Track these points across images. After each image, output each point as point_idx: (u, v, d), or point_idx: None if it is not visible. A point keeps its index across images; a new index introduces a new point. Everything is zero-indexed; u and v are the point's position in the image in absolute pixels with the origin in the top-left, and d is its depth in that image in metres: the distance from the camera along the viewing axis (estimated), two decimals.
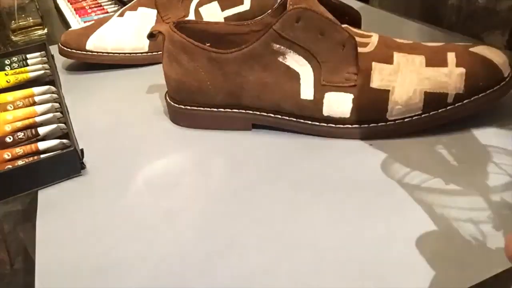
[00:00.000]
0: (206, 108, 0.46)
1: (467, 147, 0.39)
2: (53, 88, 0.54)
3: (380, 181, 0.37)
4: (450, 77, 0.40)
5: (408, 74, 0.40)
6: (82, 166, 0.43)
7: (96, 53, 0.62)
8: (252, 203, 0.37)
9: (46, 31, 0.81)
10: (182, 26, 0.46)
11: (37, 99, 0.52)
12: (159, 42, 0.46)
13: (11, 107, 0.50)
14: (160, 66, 0.47)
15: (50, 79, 0.57)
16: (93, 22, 0.66)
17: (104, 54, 0.62)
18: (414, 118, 0.41)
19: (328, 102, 0.41)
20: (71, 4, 0.89)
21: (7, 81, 0.56)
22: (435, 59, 0.41)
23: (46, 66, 0.60)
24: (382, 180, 0.37)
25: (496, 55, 0.41)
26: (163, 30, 0.45)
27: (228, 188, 0.39)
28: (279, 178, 0.39)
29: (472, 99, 0.40)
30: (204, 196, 0.38)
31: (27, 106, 0.51)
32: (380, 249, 0.31)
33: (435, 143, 0.40)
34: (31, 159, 0.42)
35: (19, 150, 0.43)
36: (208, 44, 0.44)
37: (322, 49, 0.41)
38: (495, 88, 0.40)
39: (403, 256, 0.30)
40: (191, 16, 0.63)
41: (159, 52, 0.47)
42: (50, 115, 0.48)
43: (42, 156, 0.43)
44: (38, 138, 0.45)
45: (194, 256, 0.33)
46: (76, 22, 0.80)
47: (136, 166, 0.43)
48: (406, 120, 0.41)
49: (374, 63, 0.41)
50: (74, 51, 0.62)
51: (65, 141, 0.44)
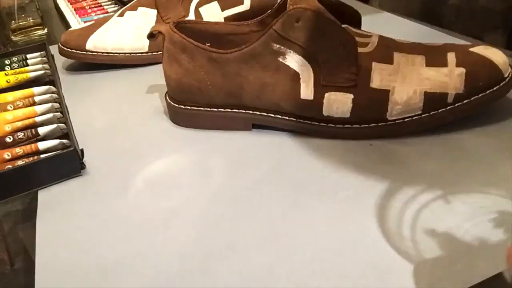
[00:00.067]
0: (206, 108, 0.46)
1: (467, 147, 0.39)
2: (53, 88, 0.54)
3: (380, 181, 0.37)
4: (450, 77, 0.40)
5: (408, 74, 0.40)
6: (82, 166, 0.43)
7: (96, 53, 0.62)
8: (252, 203, 0.37)
9: (46, 31, 0.81)
10: (182, 26, 0.46)
11: (37, 99, 0.52)
12: (159, 42, 0.46)
13: (11, 107, 0.50)
14: (160, 66, 0.47)
15: (50, 79, 0.57)
16: (93, 22, 0.66)
17: (104, 54, 0.62)
18: (414, 118, 0.41)
19: (328, 102, 0.41)
20: (71, 4, 0.89)
21: (7, 81, 0.56)
22: (435, 59, 0.41)
23: (46, 66, 0.60)
24: (382, 180, 0.37)
25: (496, 55, 0.41)
26: (163, 30, 0.45)
27: (228, 188, 0.39)
28: (279, 178, 0.39)
29: (472, 99, 0.40)
30: (204, 196, 0.38)
31: (27, 106, 0.51)
32: (380, 249, 0.31)
33: (435, 143, 0.40)
34: (31, 159, 0.42)
35: (19, 150, 0.43)
36: (208, 44, 0.44)
37: (322, 49, 0.41)
38: (495, 88, 0.40)
39: (403, 256, 0.30)
40: (191, 16, 0.63)
41: (159, 52, 0.47)
42: (50, 115, 0.48)
43: (42, 156, 0.43)
44: (38, 138, 0.45)
45: (194, 256, 0.33)
46: (76, 22, 0.80)
47: (136, 166, 0.43)
48: (406, 120, 0.41)
49: (374, 63, 0.41)
50: (74, 51, 0.62)
51: (65, 141, 0.44)
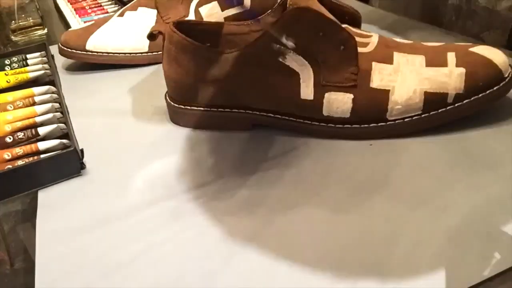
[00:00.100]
0: (206, 108, 0.46)
1: (467, 147, 0.39)
2: (53, 88, 0.54)
3: (380, 181, 0.37)
4: (450, 77, 0.40)
5: (408, 74, 0.40)
6: (82, 166, 0.43)
7: (96, 53, 0.62)
8: (252, 203, 0.37)
9: (46, 31, 0.81)
10: (182, 26, 0.46)
11: (37, 99, 0.52)
12: (159, 42, 0.46)
13: (11, 107, 0.50)
14: (160, 66, 0.47)
15: (50, 79, 0.57)
16: (93, 22, 0.66)
17: (104, 54, 0.62)
18: (414, 118, 0.41)
19: (328, 102, 0.41)
20: (71, 4, 0.89)
21: (7, 81, 0.56)
22: (435, 59, 0.41)
23: (46, 66, 0.61)
24: (382, 180, 0.37)
25: (496, 55, 0.41)
26: (163, 30, 0.45)
27: (228, 188, 0.39)
28: (279, 178, 0.39)
29: (472, 99, 0.40)
30: (204, 196, 0.38)
31: (27, 106, 0.51)
32: (380, 249, 0.31)
33: (435, 143, 0.40)
34: (31, 159, 0.42)
35: (19, 150, 0.43)
36: (208, 44, 0.44)
37: (322, 49, 0.41)
38: (495, 88, 0.40)
39: (403, 256, 0.31)
40: (191, 16, 0.63)
41: (159, 52, 0.47)
42: (50, 115, 0.48)
43: (42, 156, 0.43)
44: (38, 138, 0.45)
45: (194, 255, 0.33)
46: (76, 22, 0.80)
47: (136, 166, 0.43)
48: (406, 120, 0.41)
49: (374, 63, 0.41)
50: (74, 51, 0.62)
51: (65, 141, 0.44)
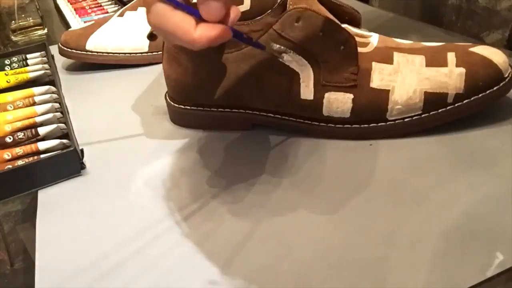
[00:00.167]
0: (206, 108, 0.46)
1: (467, 147, 0.39)
2: (53, 88, 0.54)
3: (380, 181, 0.37)
4: (450, 77, 0.40)
5: (408, 74, 0.40)
6: (82, 166, 0.43)
7: (96, 53, 0.62)
8: (252, 203, 0.37)
9: (46, 31, 0.81)
10: None
11: (37, 99, 0.52)
12: (159, 42, 0.46)
13: (11, 107, 0.50)
14: (160, 66, 0.47)
15: (50, 79, 0.57)
16: (93, 22, 0.66)
17: (104, 54, 0.62)
18: (414, 118, 0.41)
19: (328, 102, 0.41)
20: (71, 4, 0.89)
21: (7, 81, 0.56)
22: (435, 59, 0.41)
23: (46, 66, 0.61)
24: (382, 180, 0.37)
25: (496, 55, 0.41)
26: None
27: (228, 188, 0.39)
28: (279, 178, 0.39)
29: (472, 99, 0.40)
30: (203, 196, 0.38)
31: (27, 106, 0.51)
32: (380, 249, 0.31)
33: (435, 143, 0.40)
34: (31, 159, 0.42)
35: (19, 150, 0.43)
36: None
37: (322, 49, 0.40)
38: (495, 88, 0.40)
39: (403, 256, 0.31)
40: None
41: (159, 52, 0.47)
42: (50, 115, 0.48)
43: (42, 156, 0.43)
44: (38, 138, 0.45)
45: (194, 255, 0.33)
46: (76, 22, 0.80)
47: (136, 166, 0.43)
48: (406, 120, 0.41)
49: (374, 63, 0.41)
50: (74, 51, 0.62)
51: (65, 141, 0.44)
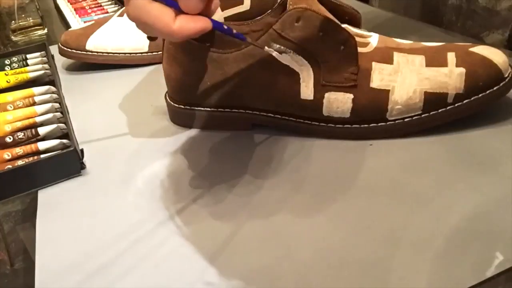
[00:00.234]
0: (206, 108, 0.46)
1: (467, 147, 0.39)
2: (53, 88, 0.54)
3: (380, 181, 0.37)
4: (450, 77, 0.40)
5: (408, 74, 0.40)
6: (82, 166, 0.43)
7: (96, 53, 0.62)
8: (252, 203, 0.37)
9: (46, 31, 0.81)
10: None
11: (37, 99, 0.52)
12: (159, 42, 0.46)
13: (11, 107, 0.50)
14: (160, 66, 0.47)
15: (50, 79, 0.57)
16: (93, 22, 0.66)
17: (104, 54, 0.62)
18: (414, 118, 0.41)
19: (328, 102, 0.41)
20: (71, 4, 0.89)
21: (7, 81, 0.56)
22: (435, 59, 0.41)
23: (46, 66, 0.61)
24: (382, 180, 0.37)
25: (496, 55, 0.41)
26: None
27: (228, 188, 0.39)
28: (279, 178, 0.39)
29: (472, 99, 0.40)
30: (203, 196, 0.38)
31: (27, 106, 0.51)
32: (380, 249, 0.31)
33: (435, 143, 0.40)
34: (31, 159, 0.42)
35: (19, 150, 0.43)
36: (208, 44, 0.44)
37: (322, 49, 0.40)
38: (495, 88, 0.40)
39: (403, 256, 0.31)
40: None
41: (159, 52, 0.47)
42: (50, 115, 0.48)
43: (42, 156, 0.43)
44: (38, 138, 0.45)
45: (193, 255, 0.33)
46: (76, 22, 0.80)
47: (136, 166, 0.43)
48: (406, 120, 0.41)
49: (374, 63, 0.41)
50: (74, 51, 0.62)
51: (65, 141, 0.44)
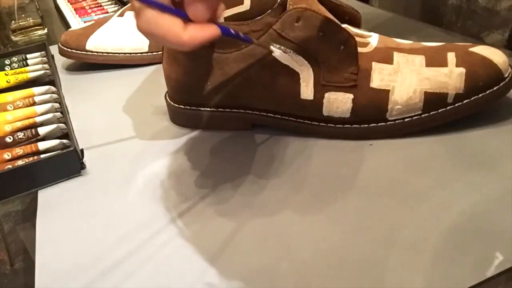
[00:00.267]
0: (206, 108, 0.46)
1: (467, 147, 0.39)
2: (53, 88, 0.54)
3: (380, 181, 0.37)
4: (450, 77, 0.40)
5: (408, 74, 0.40)
6: (82, 166, 0.43)
7: (96, 53, 0.62)
8: (252, 203, 0.37)
9: (46, 31, 0.81)
10: None
11: (37, 99, 0.52)
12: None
13: (11, 107, 0.50)
14: (160, 66, 0.47)
15: (50, 79, 0.57)
16: (93, 22, 0.66)
17: (104, 54, 0.62)
18: (414, 118, 0.41)
19: (328, 102, 0.41)
20: (71, 4, 0.89)
21: (7, 81, 0.56)
22: (435, 59, 0.41)
23: (46, 66, 0.61)
24: (382, 180, 0.37)
25: (496, 55, 0.41)
26: None
27: (228, 188, 0.39)
28: (279, 178, 0.39)
29: (472, 99, 0.40)
30: (203, 196, 0.38)
31: (27, 106, 0.51)
32: (380, 249, 0.31)
33: (435, 143, 0.40)
34: (31, 159, 0.42)
35: (19, 150, 0.43)
36: (208, 44, 0.44)
37: (322, 49, 0.40)
38: (495, 88, 0.40)
39: (403, 256, 0.31)
40: None
41: (159, 52, 0.47)
42: (50, 115, 0.48)
43: (42, 156, 0.43)
44: (38, 138, 0.45)
45: (193, 255, 0.33)
46: (76, 22, 0.80)
47: (136, 166, 0.43)
48: (406, 120, 0.41)
49: (374, 63, 0.41)
50: (74, 51, 0.62)
51: (65, 141, 0.44)
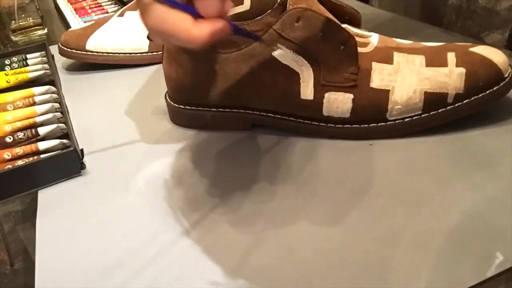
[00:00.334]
0: (206, 108, 0.46)
1: (467, 147, 0.39)
2: (53, 88, 0.54)
3: (380, 181, 0.37)
4: (450, 77, 0.40)
5: (408, 74, 0.40)
6: (82, 166, 0.43)
7: (96, 53, 0.62)
8: (252, 203, 0.37)
9: (46, 31, 0.81)
10: None
11: (37, 99, 0.52)
12: (159, 42, 0.46)
13: (11, 107, 0.50)
14: (160, 66, 0.47)
15: (50, 79, 0.57)
16: (93, 22, 0.66)
17: (104, 54, 0.62)
18: (414, 118, 0.41)
19: (328, 102, 0.41)
20: (71, 4, 0.89)
21: (7, 81, 0.56)
22: (435, 59, 0.41)
23: (46, 66, 0.61)
24: (382, 180, 0.37)
25: (496, 55, 0.41)
26: None
27: (228, 188, 0.39)
28: (279, 178, 0.39)
29: (472, 99, 0.40)
30: (203, 196, 0.38)
31: (27, 106, 0.51)
32: (380, 249, 0.31)
33: (435, 143, 0.40)
34: (31, 159, 0.42)
35: (19, 150, 0.43)
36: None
37: (322, 49, 0.40)
38: (495, 88, 0.40)
39: (404, 256, 0.31)
40: None
41: (159, 52, 0.47)
42: (50, 115, 0.48)
43: (42, 156, 0.43)
44: (38, 138, 0.45)
45: (194, 255, 0.33)
46: (76, 22, 0.80)
47: (136, 166, 0.43)
48: (406, 120, 0.41)
49: (374, 63, 0.41)
50: (74, 51, 0.62)
51: (65, 141, 0.44)
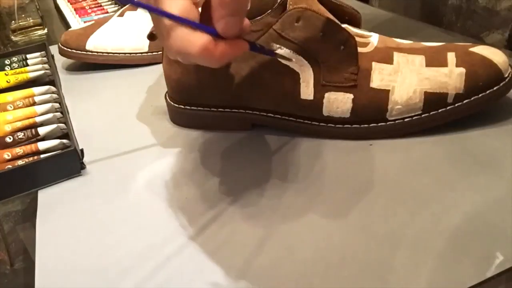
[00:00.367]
0: (206, 108, 0.46)
1: (467, 147, 0.39)
2: (53, 88, 0.54)
3: (380, 181, 0.37)
4: (450, 77, 0.40)
5: (408, 74, 0.40)
6: (82, 166, 0.43)
7: (96, 53, 0.62)
8: (251, 203, 0.37)
9: (46, 31, 0.81)
10: None
11: (37, 99, 0.52)
12: (159, 42, 0.46)
13: (11, 107, 0.50)
14: (160, 66, 0.47)
15: (50, 79, 0.57)
16: (93, 22, 0.66)
17: (104, 54, 0.62)
18: (414, 118, 0.41)
19: (328, 102, 0.41)
20: (71, 4, 0.89)
21: (7, 81, 0.56)
22: (435, 59, 0.41)
23: (46, 66, 0.61)
24: (382, 180, 0.37)
25: (496, 55, 0.41)
26: None
27: (228, 188, 0.39)
28: (278, 179, 0.39)
29: (472, 99, 0.40)
30: (204, 196, 0.38)
31: (27, 106, 0.51)
32: (380, 249, 0.31)
33: (435, 143, 0.40)
34: (31, 159, 0.42)
35: (19, 150, 0.43)
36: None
37: (322, 49, 0.40)
38: (495, 88, 0.40)
39: (404, 256, 0.31)
40: None
41: (159, 52, 0.47)
42: (50, 115, 0.48)
43: (42, 156, 0.43)
44: (38, 138, 0.45)
45: (194, 256, 0.33)
46: (76, 22, 0.80)
47: (136, 166, 0.43)
48: (406, 120, 0.41)
49: (374, 63, 0.41)
50: (74, 51, 0.62)
51: (65, 141, 0.44)
